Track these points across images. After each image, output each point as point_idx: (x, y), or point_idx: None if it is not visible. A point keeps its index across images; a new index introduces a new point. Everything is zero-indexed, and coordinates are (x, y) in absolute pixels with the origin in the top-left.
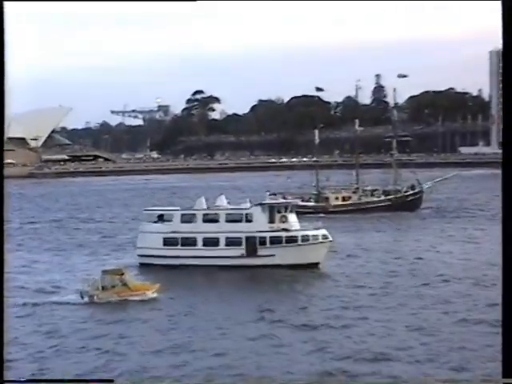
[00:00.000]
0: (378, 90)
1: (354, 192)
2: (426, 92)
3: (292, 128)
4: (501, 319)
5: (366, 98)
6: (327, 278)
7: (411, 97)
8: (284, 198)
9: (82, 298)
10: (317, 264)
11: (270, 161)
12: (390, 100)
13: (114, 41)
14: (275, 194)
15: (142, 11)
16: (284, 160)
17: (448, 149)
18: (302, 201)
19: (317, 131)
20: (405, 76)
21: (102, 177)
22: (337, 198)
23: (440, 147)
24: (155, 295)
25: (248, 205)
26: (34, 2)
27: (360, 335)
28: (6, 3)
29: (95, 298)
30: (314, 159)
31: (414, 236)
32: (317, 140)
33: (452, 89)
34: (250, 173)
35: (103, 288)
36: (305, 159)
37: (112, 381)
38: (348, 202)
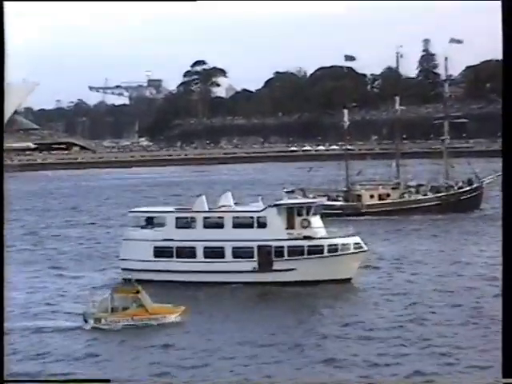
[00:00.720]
0: (427, 58)
1: (394, 188)
2: (488, 61)
3: (317, 108)
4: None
5: (411, 70)
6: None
7: (468, 67)
8: (304, 196)
9: (86, 321)
10: (348, 280)
11: (290, 149)
12: (441, 72)
13: None
14: (293, 191)
15: None
16: (307, 148)
17: None
18: (328, 199)
19: (346, 111)
20: (459, 41)
21: (78, 170)
22: (372, 196)
23: None
24: (179, 319)
25: (261, 205)
26: (33, 2)
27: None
28: (5, 3)
29: (103, 321)
30: (345, 147)
31: (471, 247)
32: (347, 123)
33: None
34: (265, 164)
35: (113, 310)
36: (334, 147)
37: (108, 381)
38: (386, 201)
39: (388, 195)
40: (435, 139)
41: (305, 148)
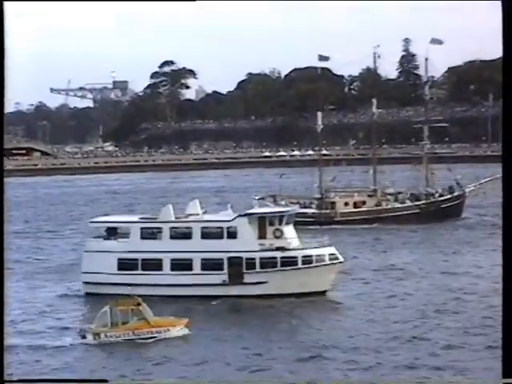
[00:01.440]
0: (407, 59)
1: (371, 195)
2: (471, 62)
3: (292, 111)
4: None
5: (391, 71)
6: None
7: (451, 68)
8: (275, 203)
9: (84, 337)
10: (323, 293)
11: (264, 155)
12: (422, 73)
13: None
14: (263, 199)
15: None
16: (282, 154)
17: (501, 137)
18: (301, 207)
19: (320, 114)
20: (440, 42)
21: (38, 177)
22: (346, 204)
23: (490, 135)
24: (182, 332)
25: (230, 214)
26: (33, 1)
27: None
28: (5, 3)
29: (102, 336)
30: (319, 152)
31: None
32: (320, 126)
33: None
34: (237, 170)
35: (112, 324)
36: (310, 152)
37: (106, 381)
38: (361, 209)
39: (364, 203)
40: (416, 144)
41: (279, 154)
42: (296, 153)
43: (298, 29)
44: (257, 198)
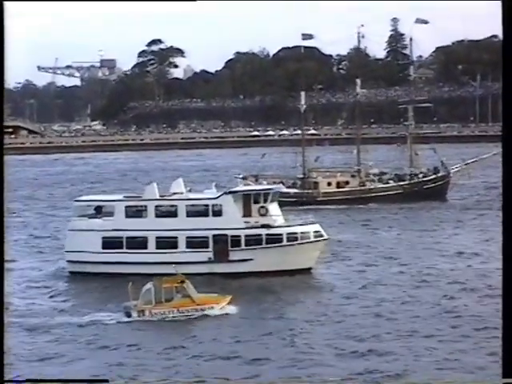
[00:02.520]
0: (396, 38)
1: (354, 176)
2: (460, 42)
3: (280, 90)
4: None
5: (379, 51)
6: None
7: (439, 48)
8: (256, 183)
9: (129, 315)
10: (308, 270)
11: (252, 134)
12: (415, 52)
13: None
14: (245, 178)
15: None
16: (271, 133)
17: (489, 118)
18: (284, 187)
19: (303, 94)
20: (425, 22)
21: (25, 155)
22: (329, 184)
23: (478, 115)
24: (227, 310)
25: (214, 192)
26: (33, 1)
27: None
28: (6, 3)
29: (147, 313)
30: (303, 131)
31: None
32: (303, 106)
33: (495, 37)
34: (226, 150)
35: (156, 301)
36: (298, 132)
37: (107, 381)
38: (344, 189)
39: (347, 183)
40: (404, 124)
41: (268, 133)
42: (285, 132)
43: (286, 7)
44: (240, 176)
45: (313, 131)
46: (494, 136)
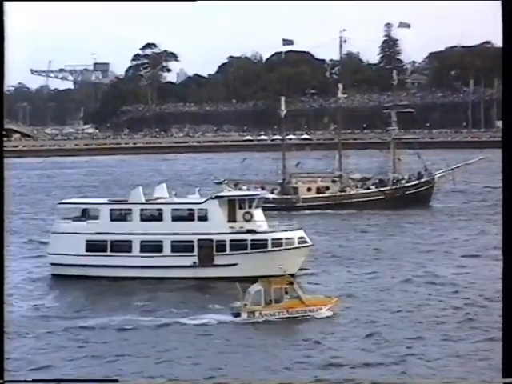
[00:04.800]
0: (389, 44)
1: (335, 181)
2: (453, 47)
3: (274, 94)
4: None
5: (373, 56)
6: None
7: (432, 53)
8: (235, 187)
9: (237, 315)
10: (291, 276)
11: (245, 138)
12: (405, 58)
13: None
14: (221, 183)
15: None
16: (264, 138)
17: (481, 123)
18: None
19: (283, 99)
20: (407, 26)
21: (18, 158)
22: (309, 190)
23: (470, 121)
24: (333, 312)
25: (198, 197)
26: (33, 2)
27: None
28: (6, 3)
29: (257, 314)
30: (282, 136)
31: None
32: (283, 111)
33: (488, 43)
34: (218, 154)
35: (266, 302)
36: (291, 136)
37: (117, 381)
38: (324, 195)
39: (327, 188)
40: (399, 129)
41: (261, 137)
42: (278, 137)
43: (280, 12)
44: (217, 181)
45: (305, 136)
46: (487, 142)
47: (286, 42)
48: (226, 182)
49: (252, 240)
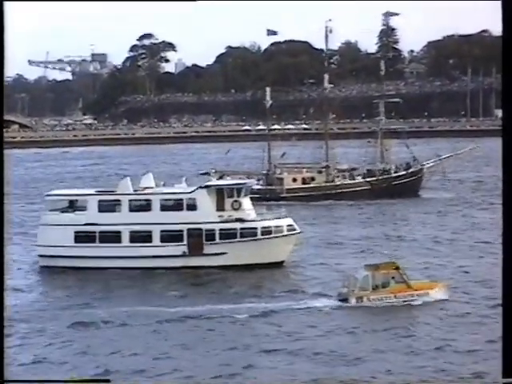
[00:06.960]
0: (387, 33)
1: (320, 172)
2: (451, 36)
3: (272, 84)
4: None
5: (371, 45)
6: None
7: (430, 42)
8: (220, 178)
9: (345, 300)
10: (281, 263)
11: (243, 128)
12: (403, 47)
13: None
14: (208, 174)
15: None
16: (262, 127)
17: (480, 112)
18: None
19: (268, 89)
20: (395, 14)
21: (17, 149)
22: (294, 180)
23: (469, 110)
24: (440, 296)
25: (185, 187)
26: (33, 2)
27: None
28: (6, 3)
29: (365, 300)
30: (268, 127)
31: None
32: (269, 102)
33: (485, 31)
34: (217, 144)
35: (373, 287)
36: (290, 126)
37: (108, 381)
38: (309, 186)
39: (313, 179)
40: (396, 118)
41: (259, 127)
42: (276, 127)
43: (280, 2)
44: (201, 172)
45: (304, 126)
46: (486, 130)
47: (270, 32)
48: (214, 171)
49: (241, 228)
